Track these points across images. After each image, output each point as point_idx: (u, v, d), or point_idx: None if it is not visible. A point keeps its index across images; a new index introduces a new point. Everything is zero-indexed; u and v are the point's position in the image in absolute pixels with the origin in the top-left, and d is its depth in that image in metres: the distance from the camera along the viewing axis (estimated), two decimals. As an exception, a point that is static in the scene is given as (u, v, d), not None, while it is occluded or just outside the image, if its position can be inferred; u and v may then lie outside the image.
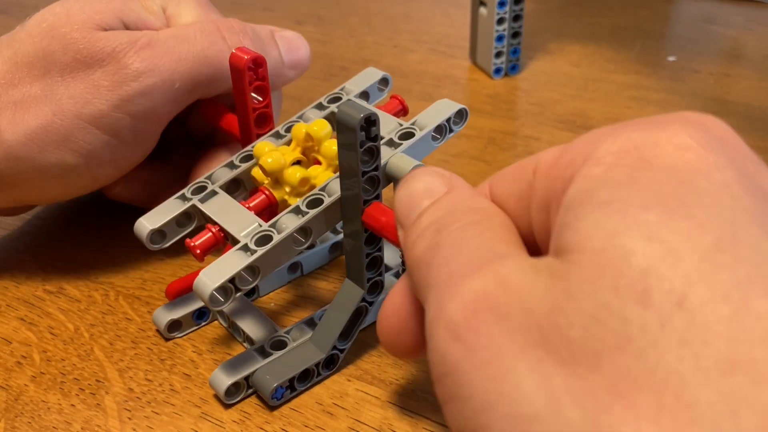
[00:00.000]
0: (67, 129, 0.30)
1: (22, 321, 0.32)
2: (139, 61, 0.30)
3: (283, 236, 0.26)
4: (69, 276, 0.34)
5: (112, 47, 0.30)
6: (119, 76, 0.30)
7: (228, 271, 0.25)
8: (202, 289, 0.25)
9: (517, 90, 0.50)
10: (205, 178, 0.30)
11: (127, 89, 0.30)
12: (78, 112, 0.30)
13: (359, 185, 0.25)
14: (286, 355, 0.28)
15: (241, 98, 0.31)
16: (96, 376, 0.29)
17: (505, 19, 0.49)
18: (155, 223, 0.28)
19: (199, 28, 0.32)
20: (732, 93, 0.48)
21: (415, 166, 0.26)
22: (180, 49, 0.31)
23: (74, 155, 0.31)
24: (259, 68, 0.30)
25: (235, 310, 0.30)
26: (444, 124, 0.29)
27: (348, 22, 0.62)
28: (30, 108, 0.30)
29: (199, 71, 0.31)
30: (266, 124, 0.32)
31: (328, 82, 0.51)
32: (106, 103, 0.30)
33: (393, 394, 0.27)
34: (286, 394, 0.27)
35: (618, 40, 0.56)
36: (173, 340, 0.30)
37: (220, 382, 0.27)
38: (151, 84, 0.30)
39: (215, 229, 0.27)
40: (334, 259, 0.34)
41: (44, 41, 0.30)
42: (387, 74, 0.33)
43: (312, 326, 0.29)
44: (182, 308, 0.30)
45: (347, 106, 0.24)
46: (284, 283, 0.33)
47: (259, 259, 0.25)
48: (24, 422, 0.27)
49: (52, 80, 0.30)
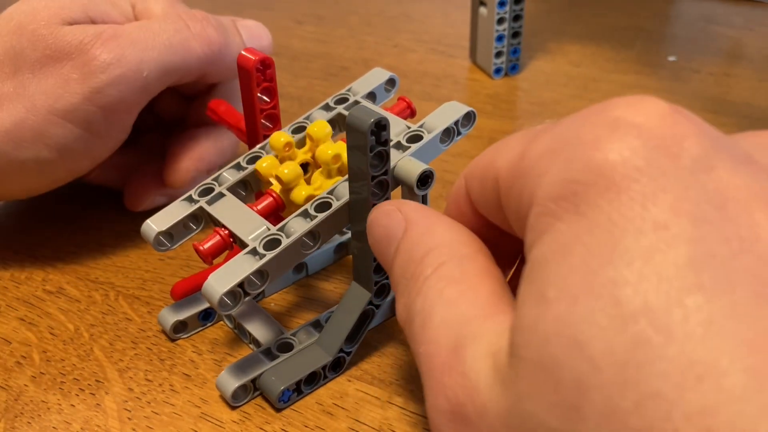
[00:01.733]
0: (41, 124, 0.31)
1: (22, 321, 0.32)
2: (106, 52, 0.31)
3: (292, 240, 0.26)
4: (69, 276, 0.34)
5: (78, 40, 0.31)
6: (88, 68, 0.30)
7: (237, 276, 0.25)
8: (211, 293, 0.24)
9: (517, 90, 0.50)
10: (212, 180, 0.30)
11: (96, 81, 0.31)
12: (50, 107, 0.30)
13: (368, 189, 0.25)
14: (292, 358, 0.28)
15: (249, 99, 0.31)
16: (96, 376, 0.29)
17: (505, 19, 0.49)
18: (163, 226, 0.28)
19: (162, 18, 0.33)
20: (732, 93, 0.48)
21: (424, 170, 0.26)
22: (145, 38, 0.32)
23: (49, 150, 0.31)
24: (267, 69, 0.30)
25: (242, 311, 0.30)
26: (452, 126, 0.29)
27: (348, 22, 0.62)
28: (3, 106, 0.31)
29: (167, 59, 0.32)
30: (274, 125, 0.32)
31: (328, 82, 0.51)
32: (77, 96, 0.31)
33: (393, 394, 0.27)
34: (292, 397, 0.27)
35: (618, 40, 0.56)
36: (173, 341, 0.30)
37: (227, 385, 0.27)
38: (120, 74, 0.31)
39: (223, 232, 0.27)
40: (340, 259, 0.34)
41: (12, 39, 0.31)
42: (394, 75, 0.33)
43: (318, 328, 0.29)
44: (188, 309, 0.30)
45: (358, 110, 0.24)
46: (289, 283, 0.33)
47: (268, 263, 0.25)
48: (24, 422, 0.27)
49: (23, 77, 0.31)
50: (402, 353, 0.29)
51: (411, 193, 0.26)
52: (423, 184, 0.26)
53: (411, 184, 0.26)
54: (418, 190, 0.26)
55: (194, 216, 0.29)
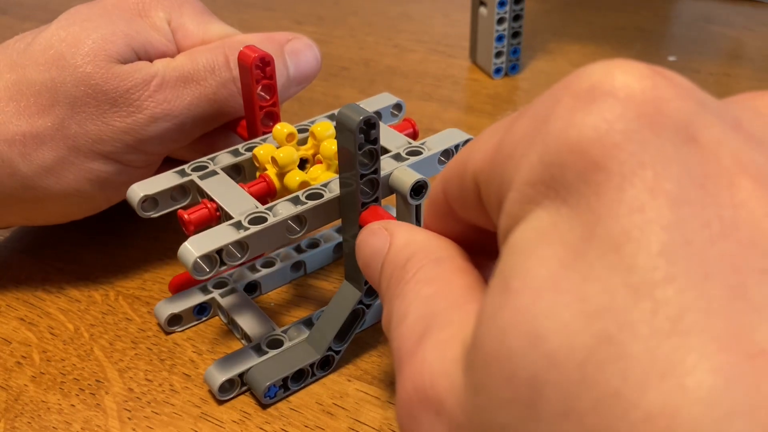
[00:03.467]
0: (83, 162, 0.31)
1: (22, 321, 0.32)
2: (153, 105, 0.30)
3: (278, 220, 0.26)
4: (69, 276, 0.34)
5: (126, 87, 0.30)
6: (133, 119, 0.30)
7: (216, 242, 0.25)
8: (187, 255, 0.24)
9: (517, 90, 0.50)
10: (208, 159, 0.30)
11: (141, 133, 0.31)
12: (92, 147, 0.30)
13: (357, 187, 0.25)
14: (281, 354, 0.28)
15: (249, 97, 0.31)
16: (96, 376, 0.29)
17: (505, 19, 0.49)
18: (148, 190, 0.28)
19: (209, 63, 0.32)
20: (732, 93, 0.47)
21: (418, 179, 0.26)
22: (192, 92, 0.31)
23: (91, 184, 0.31)
24: (267, 67, 0.31)
25: (235, 306, 0.30)
26: (452, 149, 0.29)
27: (348, 22, 0.62)
28: (45, 142, 0.30)
29: (210, 112, 0.32)
30: (273, 122, 0.32)
31: (328, 83, 0.51)
32: (120, 143, 0.31)
33: (393, 394, 0.27)
34: (279, 393, 0.27)
35: (618, 40, 0.56)
36: (173, 341, 0.30)
37: (213, 379, 0.27)
38: (164, 128, 0.31)
39: (210, 205, 0.27)
40: (338, 259, 0.35)
41: (52, 70, 0.30)
42: (401, 101, 0.33)
43: (310, 326, 0.29)
44: (183, 302, 0.31)
45: (348, 108, 0.24)
46: (287, 281, 0.33)
47: (250, 237, 0.25)
48: (24, 422, 0.27)
49: (62, 112, 0.30)
50: (402, 353, 0.29)
51: (404, 203, 0.27)
52: (417, 193, 0.26)
53: (405, 193, 0.26)
54: (411, 200, 0.26)
55: (183, 187, 0.29)
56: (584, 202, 0.14)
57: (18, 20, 0.63)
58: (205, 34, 0.34)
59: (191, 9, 0.34)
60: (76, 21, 0.31)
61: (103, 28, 0.31)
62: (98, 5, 0.32)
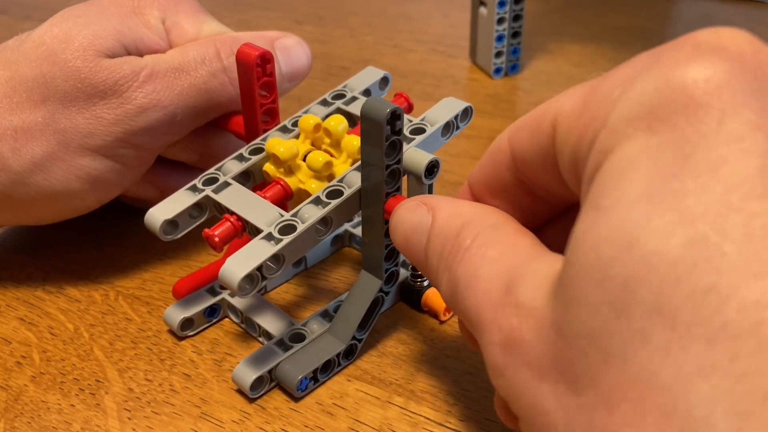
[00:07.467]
0: (72, 158, 0.30)
1: (22, 321, 0.32)
2: (142, 96, 0.30)
3: (307, 226, 0.26)
4: (69, 276, 0.34)
5: (114, 79, 0.30)
6: (122, 110, 0.30)
7: (255, 260, 0.25)
8: (230, 277, 0.25)
9: (517, 90, 0.50)
10: (216, 170, 0.30)
11: (131, 124, 0.30)
12: (82, 142, 0.30)
13: (382, 178, 0.26)
14: (306, 347, 0.28)
15: (249, 94, 0.31)
16: (96, 376, 0.29)
17: (505, 19, 0.49)
18: (168, 214, 0.28)
19: (199, 55, 0.32)
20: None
21: (431, 159, 0.27)
22: (182, 82, 0.31)
23: (80, 182, 0.31)
24: (267, 64, 0.31)
25: (249, 306, 0.30)
26: (452, 121, 0.29)
27: (348, 22, 0.62)
28: (35, 137, 0.30)
29: (201, 103, 0.32)
30: (273, 119, 0.32)
31: (328, 82, 0.51)
32: (110, 136, 0.30)
33: (393, 394, 0.27)
34: (309, 386, 0.27)
35: (618, 40, 0.57)
36: (173, 341, 0.30)
37: (245, 377, 0.27)
38: (154, 119, 0.31)
39: (233, 219, 0.27)
40: (336, 251, 0.35)
41: (44, 66, 0.30)
42: (387, 73, 0.33)
43: (327, 317, 0.29)
44: (193, 306, 0.30)
45: (373, 100, 0.25)
46: (290, 277, 0.33)
47: (285, 248, 0.26)
48: (24, 422, 0.27)
49: (53, 107, 0.30)
50: (402, 353, 0.29)
51: (418, 183, 0.27)
52: (430, 173, 0.27)
53: (419, 173, 0.27)
54: (425, 180, 0.27)
55: (199, 205, 0.29)
56: (679, 132, 0.15)
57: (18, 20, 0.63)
58: (200, 32, 0.34)
59: (187, 8, 0.34)
60: (69, 18, 0.31)
61: (95, 25, 0.31)
62: (94, 3, 0.33)
